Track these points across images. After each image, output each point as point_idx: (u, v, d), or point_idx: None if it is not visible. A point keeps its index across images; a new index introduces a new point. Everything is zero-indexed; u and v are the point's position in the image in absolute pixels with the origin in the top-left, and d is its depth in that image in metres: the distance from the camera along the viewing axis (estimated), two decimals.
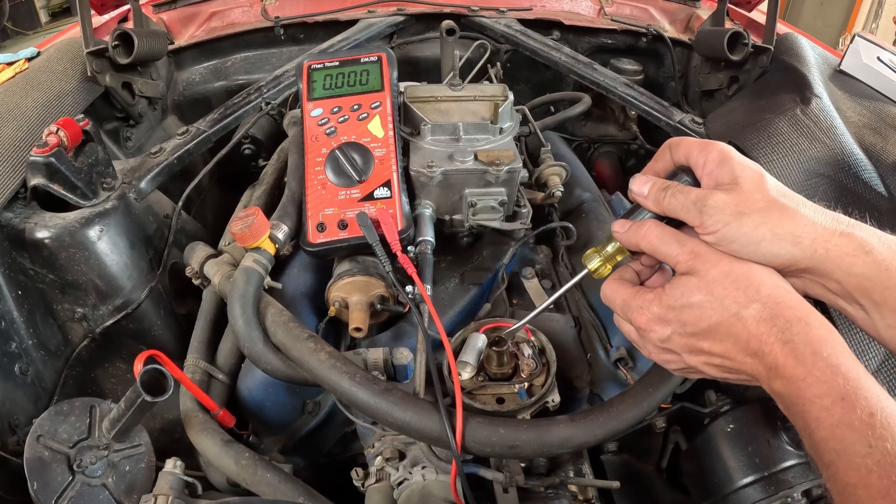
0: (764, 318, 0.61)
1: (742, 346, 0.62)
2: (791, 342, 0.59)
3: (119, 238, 1.08)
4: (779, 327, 0.60)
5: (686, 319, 0.65)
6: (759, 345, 0.61)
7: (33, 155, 1.01)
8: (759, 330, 0.61)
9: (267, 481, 0.84)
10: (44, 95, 1.27)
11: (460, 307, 1.04)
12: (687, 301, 0.64)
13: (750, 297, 0.62)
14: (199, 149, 1.27)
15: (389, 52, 1.08)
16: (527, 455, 0.78)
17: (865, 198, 1.10)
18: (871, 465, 0.52)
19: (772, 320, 0.61)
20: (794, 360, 0.59)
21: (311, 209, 0.95)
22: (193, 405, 0.93)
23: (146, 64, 1.50)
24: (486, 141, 1.04)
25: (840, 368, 0.57)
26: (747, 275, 0.63)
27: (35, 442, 0.82)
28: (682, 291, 0.65)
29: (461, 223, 1.06)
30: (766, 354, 0.61)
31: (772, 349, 0.60)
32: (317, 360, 0.81)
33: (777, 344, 0.60)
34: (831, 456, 0.55)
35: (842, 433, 0.55)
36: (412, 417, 0.75)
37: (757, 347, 0.61)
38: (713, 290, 0.63)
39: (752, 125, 1.28)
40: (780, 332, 0.60)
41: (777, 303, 0.61)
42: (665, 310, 0.66)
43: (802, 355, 0.58)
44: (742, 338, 0.62)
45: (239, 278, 0.91)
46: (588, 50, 1.77)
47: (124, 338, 1.14)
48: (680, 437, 1.10)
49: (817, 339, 0.59)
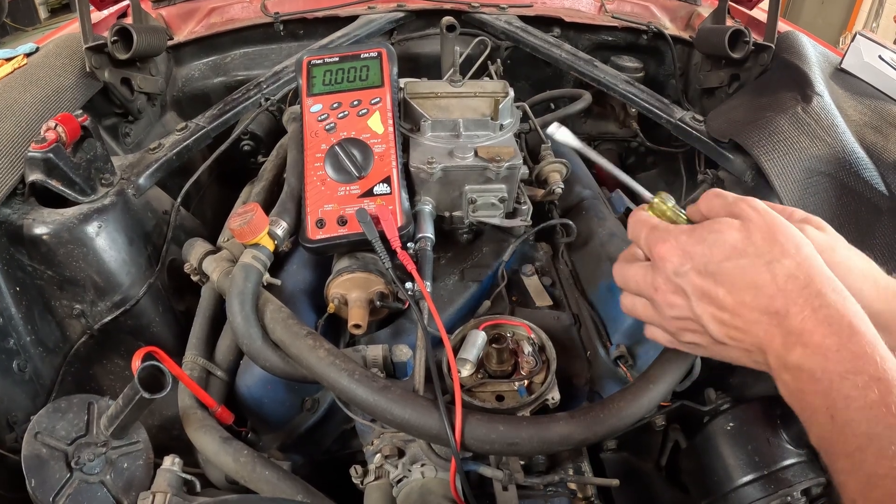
0: (797, 276, 0.56)
1: (763, 302, 0.57)
2: (826, 308, 0.54)
3: (117, 234, 1.08)
4: (812, 290, 0.55)
5: (712, 256, 0.60)
6: (784, 303, 0.56)
7: (31, 150, 1.00)
8: (788, 286, 0.56)
9: (265, 479, 0.84)
10: (42, 91, 1.27)
11: (460, 304, 1.04)
12: (720, 237, 0.60)
13: (787, 251, 0.57)
14: (198, 145, 1.27)
15: (389, 48, 1.08)
16: (526, 452, 0.77)
17: (866, 196, 1.09)
18: None
19: (805, 281, 0.56)
20: (827, 328, 0.54)
21: (311, 205, 0.95)
22: (192, 402, 0.92)
23: (145, 60, 1.49)
24: (487, 137, 1.04)
25: (877, 346, 0.52)
26: (792, 233, 0.58)
27: (33, 439, 0.82)
28: (721, 227, 0.60)
29: (461, 220, 1.06)
30: (790, 315, 0.56)
31: (801, 311, 0.55)
32: (316, 356, 0.81)
33: (807, 307, 0.55)
34: (860, 441, 0.50)
35: (877, 416, 0.49)
36: (411, 415, 0.75)
37: (781, 306, 0.56)
38: (752, 235, 0.58)
39: (753, 123, 1.28)
40: (812, 295, 0.55)
41: (813, 267, 0.56)
42: (694, 241, 0.61)
43: (838, 325, 0.53)
44: (766, 291, 0.57)
45: (237, 275, 0.91)
46: (589, 47, 1.77)
47: (123, 334, 1.14)
48: (679, 436, 1.10)
49: (854, 313, 0.54)
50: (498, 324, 0.93)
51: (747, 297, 0.58)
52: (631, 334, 1.02)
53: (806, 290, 0.55)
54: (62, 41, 1.48)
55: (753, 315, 0.58)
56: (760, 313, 0.57)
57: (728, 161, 1.29)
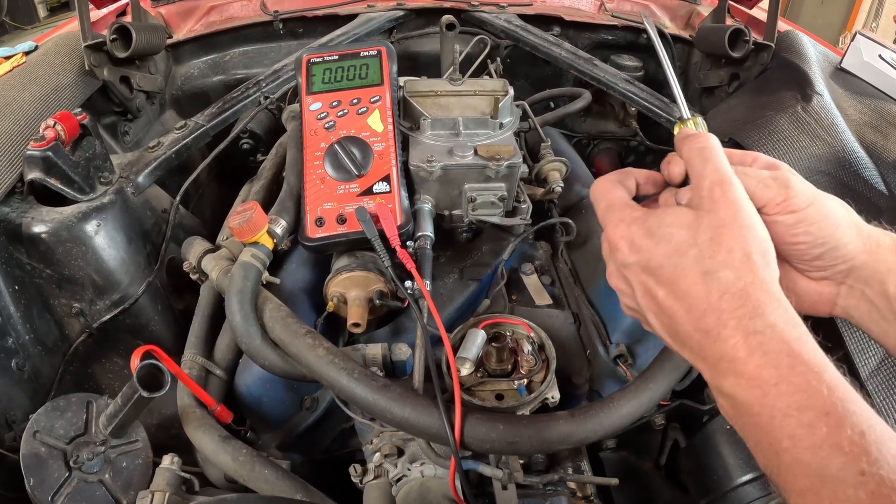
0: (732, 293, 0.49)
1: (694, 316, 0.51)
2: (760, 334, 0.47)
3: (116, 233, 1.07)
4: (747, 311, 0.48)
5: (655, 252, 0.54)
6: (715, 323, 0.49)
7: (30, 149, 1.00)
8: (722, 305, 0.49)
9: (265, 478, 0.83)
10: (41, 89, 1.26)
11: (459, 303, 1.04)
12: (668, 233, 0.53)
13: (730, 260, 0.50)
14: (197, 143, 1.26)
15: (389, 46, 1.08)
16: (526, 451, 0.77)
17: (866, 196, 1.09)
18: (864, 496, 0.41)
19: (741, 300, 0.49)
20: (762, 358, 0.47)
21: (310, 204, 0.95)
22: (191, 401, 0.92)
23: (144, 58, 1.49)
24: (486, 136, 1.04)
25: (823, 375, 0.45)
26: (743, 235, 0.51)
27: (31, 438, 0.82)
28: (672, 221, 0.54)
29: (461, 218, 1.05)
30: (721, 339, 0.49)
31: (731, 335, 0.48)
32: (315, 355, 0.81)
33: (739, 331, 0.48)
34: (810, 482, 0.44)
35: (827, 456, 0.43)
36: (411, 414, 0.75)
37: (712, 326, 0.49)
38: (699, 233, 0.52)
39: (753, 122, 1.28)
40: (746, 317, 0.48)
41: (754, 283, 0.49)
42: (643, 235, 0.55)
43: (776, 354, 0.47)
44: (698, 306, 0.50)
45: (237, 273, 0.90)
46: (588, 46, 1.77)
47: (121, 333, 1.13)
48: (679, 435, 1.10)
49: (796, 338, 0.47)
50: (497, 322, 0.93)
51: (681, 307, 0.52)
52: (631, 333, 1.02)
53: (740, 310, 0.48)
54: (61, 39, 1.47)
55: (686, 328, 0.52)
56: (692, 328, 0.51)
57: None
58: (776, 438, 0.46)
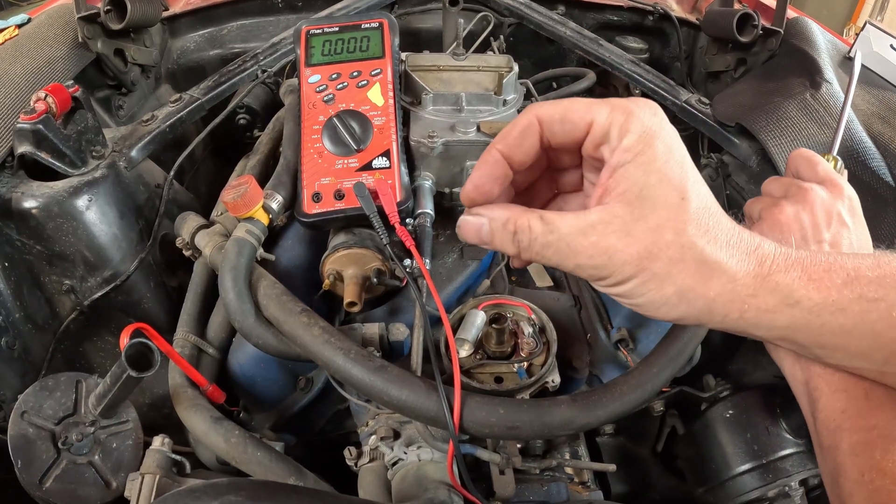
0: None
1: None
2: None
3: (108, 208, 1.05)
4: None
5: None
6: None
7: (20, 122, 0.97)
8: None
9: (257, 460, 0.82)
10: (33, 62, 1.23)
11: (459, 283, 1.02)
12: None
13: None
14: (192, 117, 1.23)
15: (391, 19, 1.05)
16: (526, 437, 0.75)
17: (872, 186, 1.08)
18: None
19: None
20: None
21: (307, 178, 0.92)
22: (182, 380, 0.90)
23: (139, 31, 1.45)
24: (490, 112, 1.01)
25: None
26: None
27: (19, 419, 0.80)
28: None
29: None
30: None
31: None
32: (310, 334, 0.79)
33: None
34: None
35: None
36: (408, 396, 0.73)
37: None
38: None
39: (761, 108, 1.26)
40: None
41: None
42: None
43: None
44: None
45: (230, 249, 0.88)
46: (593, 26, 1.74)
47: (113, 310, 1.11)
48: (677, 422, 1.09)
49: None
50: (498, 303, 0.91)
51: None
52: (632, 317, 1.00)
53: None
54: (55, 11, 1.44)
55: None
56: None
57: (733, 145, 1.27)
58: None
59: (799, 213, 0.67)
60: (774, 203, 0.69)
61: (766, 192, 0.76)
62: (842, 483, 0.56)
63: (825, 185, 0.69)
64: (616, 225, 0.48)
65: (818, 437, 0.60)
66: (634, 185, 0.48)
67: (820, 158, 0.73)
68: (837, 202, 0.68)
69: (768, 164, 1.17)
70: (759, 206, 0.72)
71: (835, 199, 0.68)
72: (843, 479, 0.55)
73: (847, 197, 0.69)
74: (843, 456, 0.56)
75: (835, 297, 0.49)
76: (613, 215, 0.48)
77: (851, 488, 0.54)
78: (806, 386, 0.60)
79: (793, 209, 0.67)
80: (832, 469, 0.57)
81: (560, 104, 0.52)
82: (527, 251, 0.53)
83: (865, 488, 0.53)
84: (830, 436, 0.57)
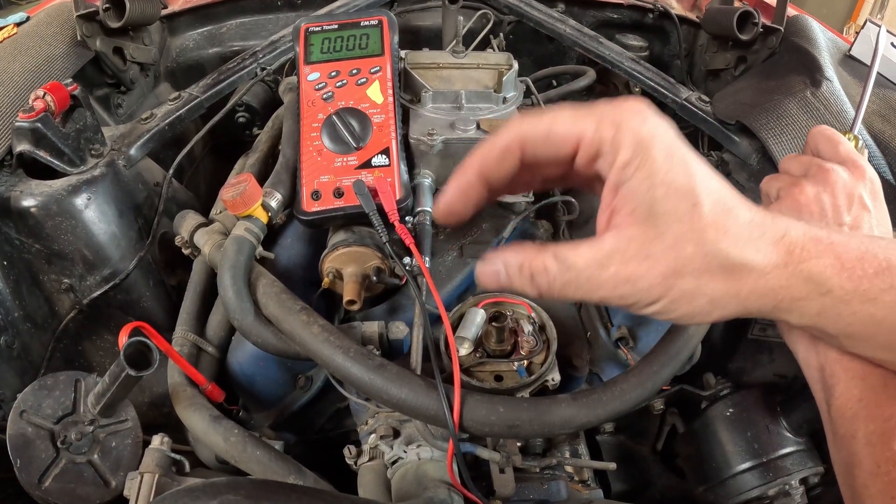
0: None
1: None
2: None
3: (107, 206, 1.05)
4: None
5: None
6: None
7: (19, 120, 0.97)
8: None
9: (257, 459, 0.81)
10: (32, 60, 1.22)
11: (459, 281, 1.01)
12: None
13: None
14: (192, 115, 1.23)
15: (391, 16, 1.05)
16: (526, 435, 0.75)
17: None
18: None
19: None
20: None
21: (306, 176, 0.92)
22: (181, 379, 0.90)
23: (138, 29, 1.45)
24: (489, 110, 1.01)
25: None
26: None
27: (18, 418, 0.79)
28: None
29: None
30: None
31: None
32: (309, 333, 0.78)
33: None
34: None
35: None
36: (408, 394, 0.72)
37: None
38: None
39: (761, 106, 1.25)
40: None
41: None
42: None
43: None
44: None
45: (229, 247, 0.88)
46: (593, 24, 1.73)
47: (112, 309, 1.11)
48: (677, 420, 1.09)
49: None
50: (498, 302, 0.90)
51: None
52: (632, 316, 1.00)
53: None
54: (53, 9, 1.43)
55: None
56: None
57: (734, 143, 1.27)
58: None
59: (820, 194, 0.65)
60: (794, 182, 0.68)
61: (784, 169, 0.74)
62: (856, 474, 0.55)
63: (846, 166, 0.67)
64: (633, 250, 0.47)
65: (832, 426, 0.59)
66: (642, 203, 0.46)
67: (842, 137, 0.71)
68: (859, 184, 0.66)
69: (768, 161, 1.16)
70: (777, 184, 0.70)
71: (857, 181, 0.66)
72: (858, 469, 0.55)
73: (869, 179, 0.67)
74: (858, 445, 0.55)
75: (866, 286, 0.48)
76: (629, 240, 0.47)
77: (866, 479, 0.54)
78: (821, 372, 0.59)
79: (814, 190, 0.65)
80: (846, 459, 0.56)
81: (543, 119, 0.50)
82: (548, 293, 0.52)
83: (881, 479, 0.52)
84: (846, 424, 0.57)
